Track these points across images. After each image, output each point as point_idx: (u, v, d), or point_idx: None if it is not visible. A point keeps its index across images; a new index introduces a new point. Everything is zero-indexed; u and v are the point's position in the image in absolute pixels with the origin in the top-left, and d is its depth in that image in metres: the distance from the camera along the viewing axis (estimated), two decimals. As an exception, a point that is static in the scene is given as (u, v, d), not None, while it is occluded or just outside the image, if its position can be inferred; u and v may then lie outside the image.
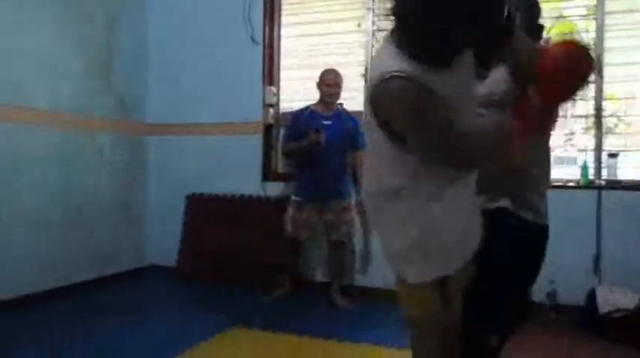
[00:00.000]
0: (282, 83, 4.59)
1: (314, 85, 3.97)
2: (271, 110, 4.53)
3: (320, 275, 4.31)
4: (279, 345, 3.16)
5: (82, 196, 4.21)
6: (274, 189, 4.42)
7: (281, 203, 4.18)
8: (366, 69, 4.26)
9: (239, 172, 4.59)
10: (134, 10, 4.75)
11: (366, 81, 4.30)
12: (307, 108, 3.98)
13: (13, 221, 3.67)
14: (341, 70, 3.98)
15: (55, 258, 3.95)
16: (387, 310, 3.83)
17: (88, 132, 4.28)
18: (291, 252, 4.07)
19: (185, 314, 3.71)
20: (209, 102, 4.69)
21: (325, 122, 3.84)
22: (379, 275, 3.95)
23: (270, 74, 4.56)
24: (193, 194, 4.76)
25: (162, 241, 4.83)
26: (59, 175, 4.02)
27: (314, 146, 3.72)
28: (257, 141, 4.54)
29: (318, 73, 3.96)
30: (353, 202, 3.91)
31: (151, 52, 4.93)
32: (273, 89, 4.44)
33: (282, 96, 4.60)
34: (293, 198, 3.98)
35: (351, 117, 3.94)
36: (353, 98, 4.22)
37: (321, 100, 3.93)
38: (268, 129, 4.54)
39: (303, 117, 3.94)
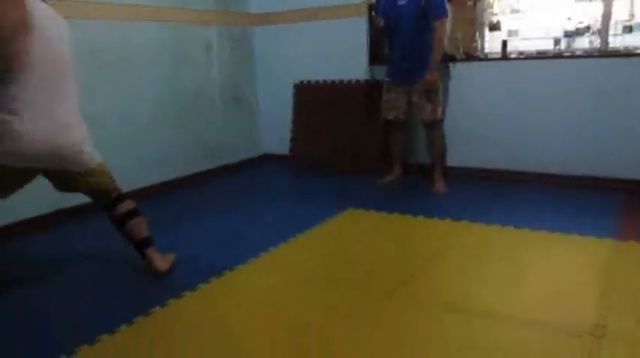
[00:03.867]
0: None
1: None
2: (376, -11, 4.31)
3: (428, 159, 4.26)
4: (395, 222, 3.23)
5: (192, 91, 4.35)
6: (382, 72, 4.28)
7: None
8: None
9: (346, 57, 4.50)
10: None
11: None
12: None
13: (129, 117, 3.82)
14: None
15: (170, 152, 4.16)
16: (483, 190, 3.79)
17: (193, 26, 4.32)
18: (400, 136, 4.04)
19: (299, 200, 3.87)
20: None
21: (400, 3, 3.74)
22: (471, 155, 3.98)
23: (374, -51, 4.28)
24: (301, 82, 4.77)
25: (274, 131, 4.97)
26: (169, 71, 4.14)
27: (378, 30, 3.81)
28: (362, 23, 4.38)
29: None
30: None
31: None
32: (377, -34, 4.19)
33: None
34: (385, 79, 3.96)
35: None
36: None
37: None
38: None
39: (383, 1, 3.88)
